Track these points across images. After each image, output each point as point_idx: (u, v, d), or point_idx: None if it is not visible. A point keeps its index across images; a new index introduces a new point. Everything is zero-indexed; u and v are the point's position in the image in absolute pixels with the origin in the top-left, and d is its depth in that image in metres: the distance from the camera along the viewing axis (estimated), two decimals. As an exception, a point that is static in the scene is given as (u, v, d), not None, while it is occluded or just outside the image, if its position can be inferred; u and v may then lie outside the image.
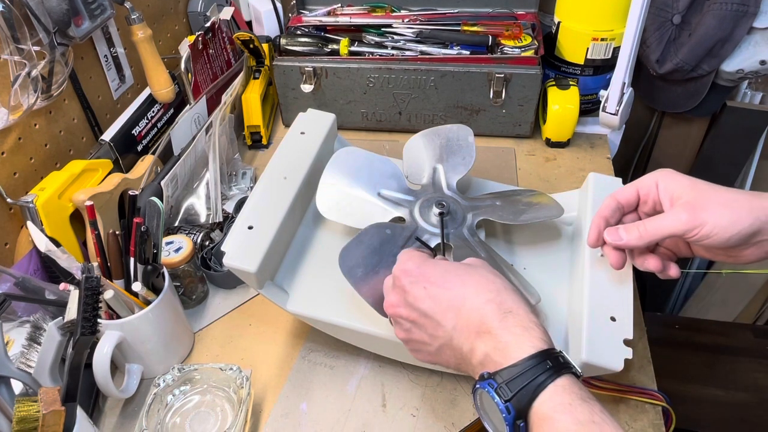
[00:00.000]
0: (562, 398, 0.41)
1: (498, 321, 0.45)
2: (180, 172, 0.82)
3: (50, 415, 0.49)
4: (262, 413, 0.65)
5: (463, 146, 0.74)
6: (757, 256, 0.51)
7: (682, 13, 1.01)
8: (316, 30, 1.06)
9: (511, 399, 0.41)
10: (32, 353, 0.57)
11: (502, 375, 0.43)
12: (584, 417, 0.39)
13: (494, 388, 0.42)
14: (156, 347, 0.67)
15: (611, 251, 0.56)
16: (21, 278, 0.65)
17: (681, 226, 0.50)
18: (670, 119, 1.22)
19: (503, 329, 0.45)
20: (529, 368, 0.42)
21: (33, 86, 0.70)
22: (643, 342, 0.70)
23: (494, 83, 0.95)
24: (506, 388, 0.42)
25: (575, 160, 0.99)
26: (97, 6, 0.78)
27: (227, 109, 0.93)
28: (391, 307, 0.52)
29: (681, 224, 0.50)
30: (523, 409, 0.41)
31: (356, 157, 0.72)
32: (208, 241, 0.81)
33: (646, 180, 0.55)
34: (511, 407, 0.41)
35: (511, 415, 0.41)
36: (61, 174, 0.74)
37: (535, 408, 0.41)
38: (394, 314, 0.51)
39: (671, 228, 0.51)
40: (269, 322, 0.75)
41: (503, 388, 0.42)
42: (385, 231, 0.62)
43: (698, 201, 0.50)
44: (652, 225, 0.52)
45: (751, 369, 1.27)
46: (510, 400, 0.41)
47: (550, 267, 0.68)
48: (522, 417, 0.41)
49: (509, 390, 0.42)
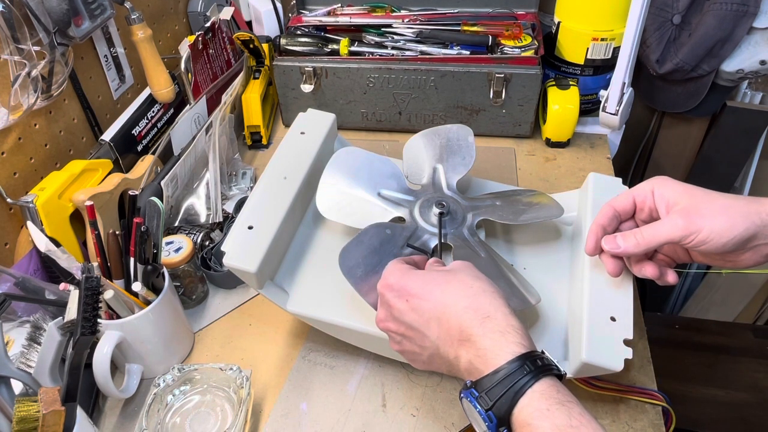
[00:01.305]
0: (539, 404, 0.41)
1: (477, 327, 0.45)
2: (180, 172, 0.82)
3: (50, 415, 0.49)
4: (262, 413, 0.65)
5: (463, 146, 0.74)
6: (754, 261, 0.52)
7: (682, 13, 1.01)
8: (316, 30, 1.06)
9: (491, 408, 0.42)
10: (32, 353, 0.57)
11: (482, 383, 0.43)
12: (562, 422, 0.40)
13: (475, 398, 0.42)
14: (156, 347, 0.67)
15: (608, 259, 0.56)
16: (21, 278, 0.65)
17: (677, 232, 0.51)
18: (670, 119, 1.22)
19: (482, 335, 0.45)
20: (507, 375, 0.42)
21: (33, 86, 0.70)
22: (643, 342, 0.70)
23: (494, 83, 0.95)
24: (486, 397, 0.42)
25: (575, 160, 0.99)
26: (97, 6, 0.78)
27: (227, 109, 0.93)
28: (380, 321, 0.53)
29: (677, 231, 0.51)
30: (503, 417, 0.41)
31: (356, 157, 0.72)
32: (208, 241, 0.81)
33: (642, 187, 0.56)
34: (493, 416, 0.41)
35: (493, 423, 0.41)
36: (61, 174, 0.74)
37: (515, 415, 0.41)
38: (384, 329, 0.53)
39: (668, 235, 0.51)
40: (269, 322, 0.75)
41: (483, 398, 0.42)
42: (385, 231, 0.62)
43: (694, 207, 0.51)
44: (648, 232, 0.53)
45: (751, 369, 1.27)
46: (491, 408, 0.42)
47: (550, 267, 0.68)
48: (504, 424, 0.42)
49: (488, 399, 0.42)
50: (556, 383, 0.43)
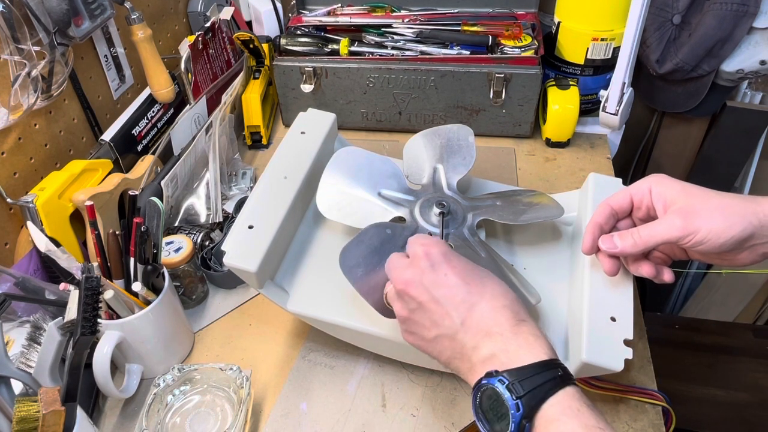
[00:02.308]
0: (570, 403, 0.42)
1: (511, 326, 0.46)
2: (180, 172, 0.82)
3: (50, 415, 0.49)
4: (262, 413, 0.65)
5: (463, 146, 0.74)
6: (750, 260, 0.52)
7: (682, 13, 1.01)
8: (316, 30, 1.06)
9: (522, 396, 0.42)
10: (32, 353, 0.57)
11: (511, 374, 0.43)
12: (591, 422, 0.40)
13: (505, 385, 0.42)
14: (156, 347, 0.67)
15: (605, 258, 0.56)
16: (21, 278, 0.65)
17: (675, 232, 0.51)
18: (670, 119, 1.22)
19: (516, 334, 0.46)
20: (540, 372, 0.43)
21: (33, 86, 0.70)
22: (643, 342, 0.70)
23: (494, 83, 0.95)
24: (519, 386, 0.42)
25: (575, 160, 0.99)
26: (97, 6, 0.78)
27: (227, 109, 0.93)
28: (402, 283, 0.50)
29: (675, 231, 0.51)
30: (531, 410, 0.42)
31: (356, 156, 0.72)
32: (208, 241, 0.81)
33: (640, 186, 0.55)
34: (522, 405, 0.42)
35: (520, 412, 0.41)
36: (61, 174, 0.74)
37: (543, 410, 0.42)
38: (403, 290, 0.50)
39: (665, 235, 0.51)
40: (269, 322, 0.75)
41: (516, 385, 0.42)
42: (386, 231, 0.62)
43: (691, 207, 0.51)
44: (646, 232, 0.52)
45: (751, 369, 1.27)
46: (522, 397, 0.42)
47: (550, 267, 0.68)
48: (528, 418, 0.42)
49: (522, 388, 0.42)
50: (582, 392, 0.44)
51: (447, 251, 0.51)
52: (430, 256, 0.50)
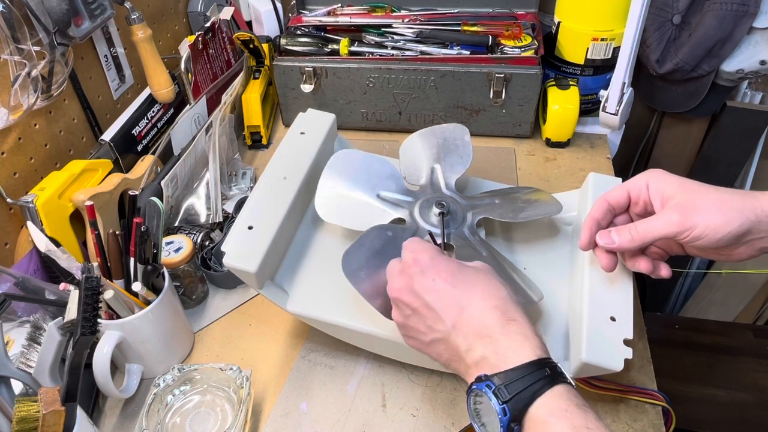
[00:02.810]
0: (558, 404, 0.41)
1: (500, 327, 0.46)
2: (180, 172, 0.82)
3: (50, 415, 0.49)
4: (262, 413, 0.65)
5: (459, 145, 0.74)
6: (747, 255, 0.52)
7: (682, 13, 1.01)
8: (316, 30, 1.05)
9: (508, 401, 0.42)
10: (32, 353, 0.57)
11: (500, 377, 0.43)
12: (579, 422, 0.40)
13: (492, 390, 0.43)
14: (156, 347, 0.67)
15: (602, 254, 0.56)
16: (21, 278, 0.65)
17: (672, 228, 0.51)
18: (670, 119, 1.22)
19: (505, 335, 0.45)
20: (527, 373, 0.43)
21: (33, 86, 0.70)
22: (643, 342, 0.70)
23: (494, 83, 0.95)
24: (504, 390, 0.42)
25: (575, 160, 0.99)
26: (97, 6, 0.78)
27: (227, 109, 0.93)
28: (395, 291, 0.51)
29: (672, 226, 0.51)
30: (519, 413, 0.42)
31: (354, 159, 0.72)
32: (208, 241, 0.81)
33: (637, 181, 0.55)
34: (508, 409, 0.42)
35: (506, 417, 0.41)
36: (61, 174, 0.74)
37: (531, 412, 0.42)
38: (397, 298, 0.51)
39: (663, 230, 0.51)
40: (269, 322, 0.75)
41: (501, 390, 0.42)
42: (387, 233, 0.62)
43: (689, 202, 0.51)
44: (643, 227, 0.52)
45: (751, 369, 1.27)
46: (507, 402, 0.42)
47: (550, 266, 0.68)
48: (517, 420, 0.42)
49: (507, 392, 0.42)
50: (573, 389, 0.43)
51: (435, 256, 0.51)
52: (418, 262, 0.51)
